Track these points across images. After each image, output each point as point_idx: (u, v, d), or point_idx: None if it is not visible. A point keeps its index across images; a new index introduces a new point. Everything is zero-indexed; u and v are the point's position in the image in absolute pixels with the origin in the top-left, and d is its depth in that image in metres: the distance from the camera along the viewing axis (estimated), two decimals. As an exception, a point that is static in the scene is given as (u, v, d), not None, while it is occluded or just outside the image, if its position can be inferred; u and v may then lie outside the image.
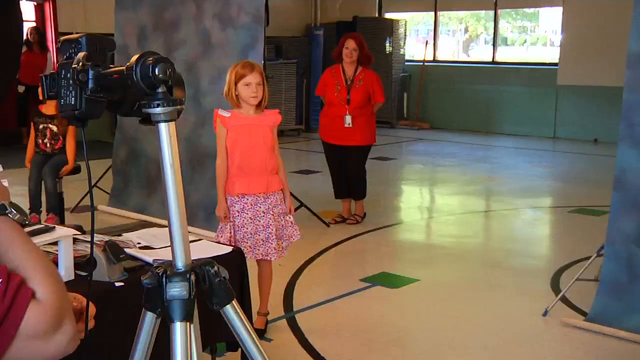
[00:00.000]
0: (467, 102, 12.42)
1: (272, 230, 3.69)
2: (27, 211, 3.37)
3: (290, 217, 3.80)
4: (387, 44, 12.49)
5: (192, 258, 1.45)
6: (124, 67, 1.31)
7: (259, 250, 3.68)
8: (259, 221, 3.70)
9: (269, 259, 3.72)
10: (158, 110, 1.29)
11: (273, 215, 3.71)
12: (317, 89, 6.09)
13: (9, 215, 1.01)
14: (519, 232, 6.11)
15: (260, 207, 3.71)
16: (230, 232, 3.71)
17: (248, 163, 3.70)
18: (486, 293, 4.48)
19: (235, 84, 3.65)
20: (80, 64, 1.30)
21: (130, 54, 6.84)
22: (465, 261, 5.17)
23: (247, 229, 3.70)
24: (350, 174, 6.00)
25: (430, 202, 7.56)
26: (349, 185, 6.06)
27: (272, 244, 3.68)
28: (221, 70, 5.50)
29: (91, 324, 1.18)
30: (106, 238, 2.66)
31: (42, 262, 0.96)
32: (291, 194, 5.15)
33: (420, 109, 12.89)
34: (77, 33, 1.39)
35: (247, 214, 3.70)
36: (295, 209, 5.87)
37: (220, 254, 2.74)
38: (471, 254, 5.34)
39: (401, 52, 12.84)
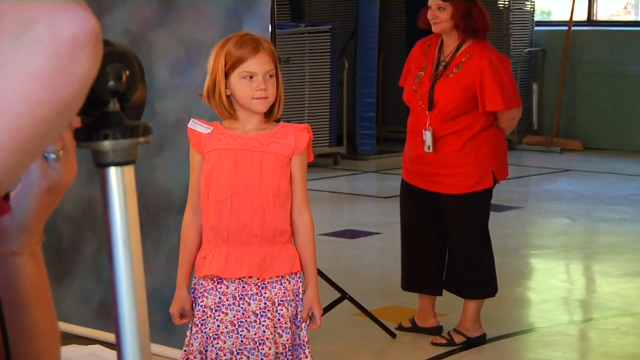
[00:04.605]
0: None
1: (270, 349, 3.73)
2: None
3: (303, 330, 3.84)
4: (501, -7, 12.63)
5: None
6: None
7: None
8: (248, 330, 3.76)
9: None
10: (106, 145, 1.36)
11: (273, 320, 3.76)
12: (402, 74, 5.96)
13: None
14: None
15: (249, 304, 3.77)
16: (199, 346, 3.78)
17: (230, 221, 3.76)
18: None
19: (226, 76, 3.75)
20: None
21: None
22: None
23: (224, 341, 3.77)
24: (451, 246, 5.85)
25: (587, 289, 7.55)
26: (437, 266, 5.86)
27: None
28: (192, 50, 5.61)
29: None
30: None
31: None
32: (326, 278, 5.17)
33: (564, 114, 12.90)
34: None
35: (227, 314, 3.78)
36: (332, 305, 5.96)
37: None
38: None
39: (527, 8, 12.92)
